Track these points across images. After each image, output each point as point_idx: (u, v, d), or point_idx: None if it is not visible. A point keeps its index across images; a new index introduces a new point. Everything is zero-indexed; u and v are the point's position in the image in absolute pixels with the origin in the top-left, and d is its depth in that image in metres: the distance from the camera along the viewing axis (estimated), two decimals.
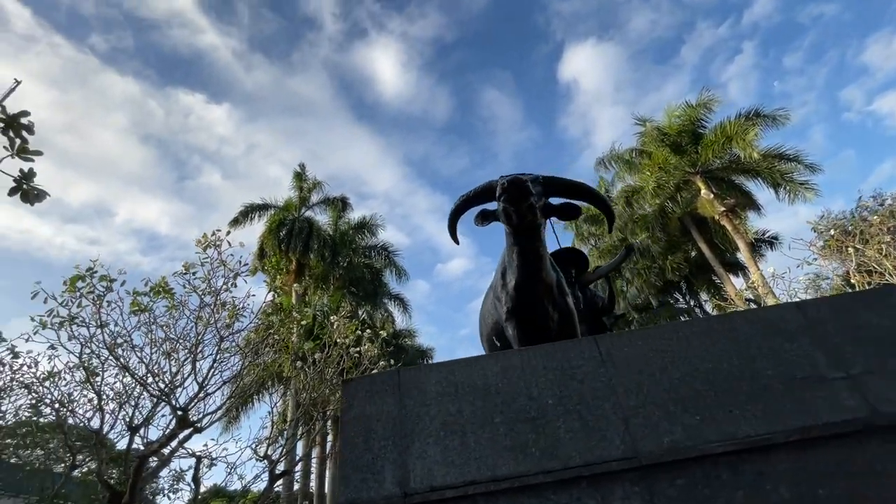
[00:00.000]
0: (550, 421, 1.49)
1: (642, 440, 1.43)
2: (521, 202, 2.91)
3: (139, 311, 11.30)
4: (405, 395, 1.57)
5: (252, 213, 19.35)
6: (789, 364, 1.55)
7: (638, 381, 1.56)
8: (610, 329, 5.40)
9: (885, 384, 1.48)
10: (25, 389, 11.97)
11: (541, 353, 1.67)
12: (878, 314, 1.62)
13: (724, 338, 1.62)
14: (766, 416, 1.46)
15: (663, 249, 21.22)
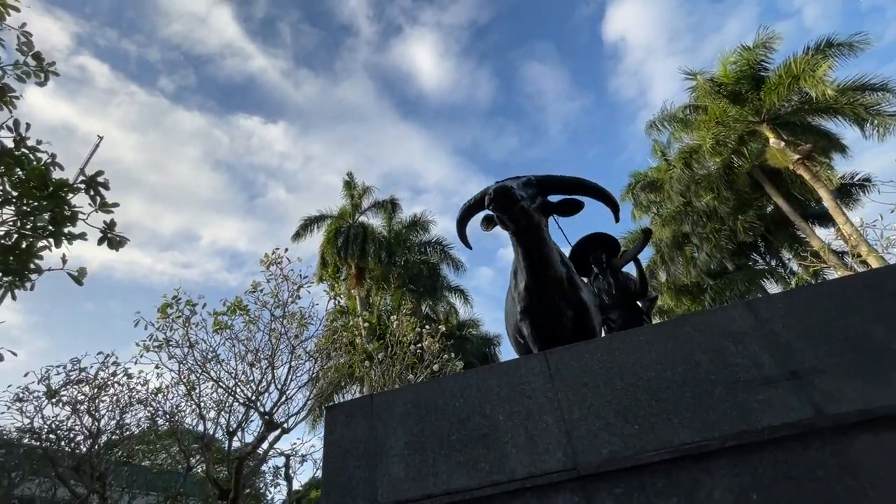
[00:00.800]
0: (500, 436, 1.61)
1: (583, 452, 1.51)
2: (509, 209, 2.97)
3: (221, 328, 12.55)
4: (375, 419, 1.77)
5: (311, 225, 20.55)
6: (733, 367, 1.53)
7: (582, 394, 1.63)
8: (646, 313, 5.24)
9: (835, 383, 1.41)
10: (141, 405, 13.76)
11: (495, 372, 1.78)
12: (832, 308, 1.53)
13: (669, 345, 1.62)
14: (704, 422, 1.46)
15: (732, 209, 19.64)
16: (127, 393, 12.82)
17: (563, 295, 3.44)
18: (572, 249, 5.73)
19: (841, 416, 1.37)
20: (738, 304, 1.70)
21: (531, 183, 3.24)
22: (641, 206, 24.48)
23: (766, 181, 18.93)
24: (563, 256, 3.69)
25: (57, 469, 11.53)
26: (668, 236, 23.79)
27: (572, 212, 3.41)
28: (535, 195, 3.19)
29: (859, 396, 1.39)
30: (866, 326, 1.48)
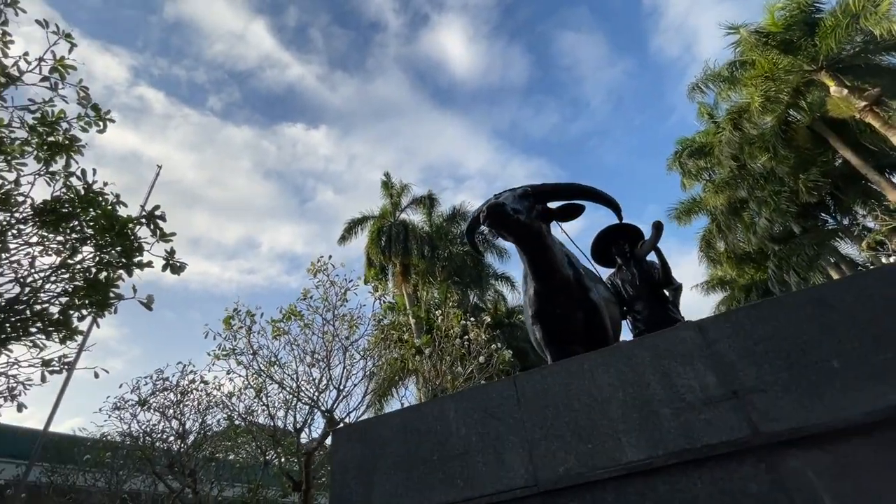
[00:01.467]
0: (472, 455, 1.79)
1: (542, 469, 1.66)
2: (501, 225, 3.11)
3: (279, 334, 13.53)
4: (369, 441, 2.02)
5: (355, 227, 21.32)
6: (680, 388, 1.61)
7: (544, 415, 1.77)
8: (672, 302, 5.14)
9: (772, 401, 1.46)
10: (218, 407, 15.11)
11: (468, 396, 1.96)
12: (777, 327, 1.54)
13: (623, 367, 1.72)
14: (649, 441, 1.56)
15: (792, 168, 18.15)
16: (205, 397, 14.16)
17: (571, 297, 3.54)
18: (594, 241, 5.71)
19: (775, 434, 1.43)
20: (689, 325, 1.77)
21: (527, 194, 3.36)
22: (690, 174, 23.18)
23: (830, 134, 17.32)
24: (572, 258, 3.77)
25: (154, 468, 12.98)
26: (722, 203, 22.40)
27: (573, 216, 3.50)
28: (531, 205, 3.31)
29: (793, 414, 1.43)
30: (807, 344, 1.50)
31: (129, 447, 14.23)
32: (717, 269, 27.26)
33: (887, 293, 1.47)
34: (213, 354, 12.27)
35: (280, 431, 13.08)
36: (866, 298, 1.47)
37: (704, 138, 22.91)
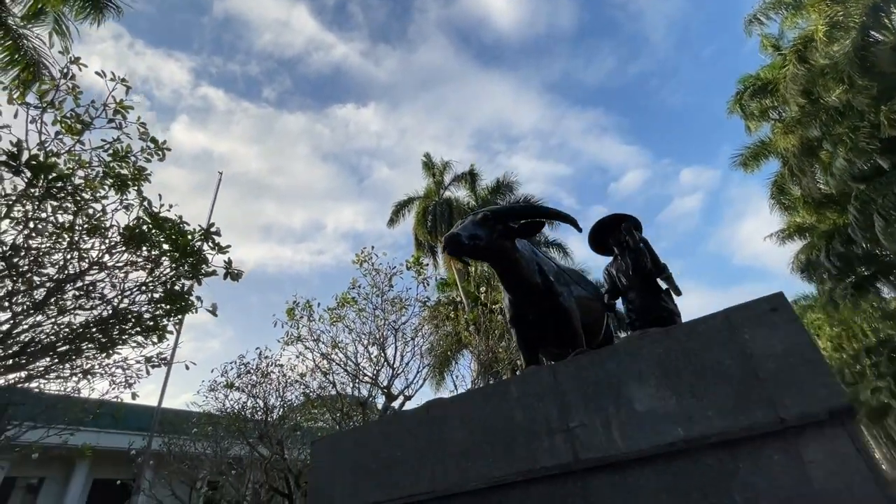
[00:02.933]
0: (397, 466, 2.34)
1: (438, 480, 2.16)
2: (458, 253, 3.52)
3: (337, 320, 14.88)
4: (335, 451, 2.65)
5: (401, 209, 22.14)
6: (533, 419, 2.00)
7: (446, 437, 2.25)
8: (667, 290, 5.22)
9: (590, 435, 1.81)
10: (294, 386, 17.01)
11: (397, 419, 2.49)
12: (602, 373, 1.86)
13: (500, 399, 2.14)
14: (509, 461, 1.99)
15: (873, 99, 15.97)
16: (282, 378, 16.04)
17: (541, 304, 3.90)
18: (590, 232, 5.88)
19: (589, 461, 1.81)
20: (546, 369, 2.16)
21: (486, 218, 3.70)
22: (753, 116, 21.15)
23: None
24: (543, 265, 4.06)
25: (247, 439, 15.10)
26: (794, 144, 20.31)
27: (532, 233, 3.80)
28: (492, 227, 3.65)
29: (602, 446, 1.80)
30: (620, 388, 1.83)
31: (227, 421, 16.58)
32: (794, 216, 24.96)
33: (688, 346, 1.75)
34: (281, 342, 13.89)
35: (348, 405, 14.60)
36: (668, 352, 1.76)
37: (770, 73, 20.66)
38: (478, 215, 3.78)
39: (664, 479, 1.64)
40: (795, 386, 1.50)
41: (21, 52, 10.58)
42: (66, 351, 9.07)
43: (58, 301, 8.26)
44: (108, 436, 19.53)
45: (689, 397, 1.70)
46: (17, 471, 18.78)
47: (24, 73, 10.50)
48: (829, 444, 1.40)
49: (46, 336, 8.58)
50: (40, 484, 20.32)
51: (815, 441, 1.42)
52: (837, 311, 26.36)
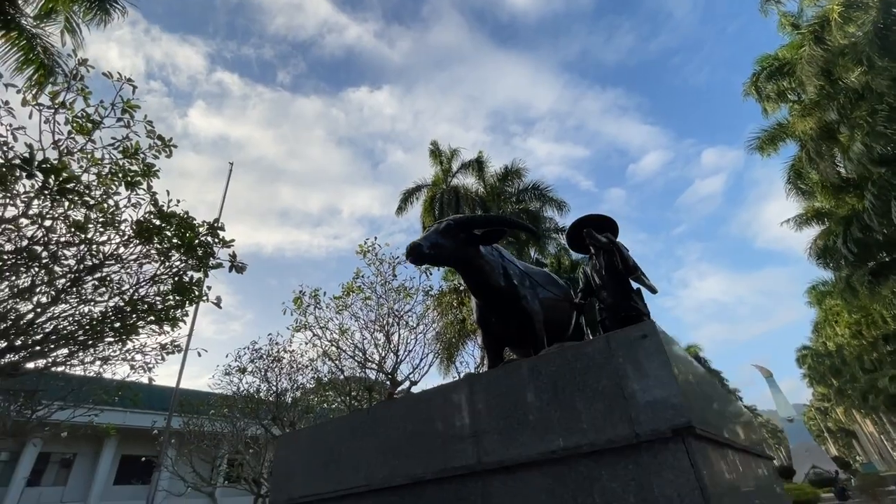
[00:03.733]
0: (341, 462, 2.61)
1: (372, 475, 2.43)
2: (420, 261, 3.68)
3: (343, 308, 15.29)
4: (292, 447, 2.94)
5: (410, 197, 22.30)
6: (449, 426, 2.23)
7: (381, 437, 2.51)
8: (637, 290, 5.34)
9: (491, 441, 2.03)
10: (304, 370, 17.59)
11: (347, 421, 2.77)
12: (505, 387, 2.06)
13: (427, 406, 2.36)
14: (426, 461, 2.23)
15: (893, 80, 15.31)
16: (293, 362, 16.65)
17: (504, 307, 4.08)
18: (569, 231, 6.01)
19: (489, 464, 2.04)
20: (463, 381, 2.38)
21: (450, 227, 3.84)
22: (770, 98, 20.49)
23: None
24: (509, 269, 4.21)
25: (262, 421, 15.81)
26: (811, 127, 19.67)
27: (494, 240, 3.96)
28: (455, 235, 3.81)
29: (499, 451, 2.02)
30: (519, 400, 2.04)
31: (242, 403, 17.36)
32: (813, 201, 24.27)
33: (575, 366, 1.93)
34: (291, 328, 14.43)
35: (356, 389, 15.13)
36: (560, 370, 1.95)
37: (789, 53, 19.90)
38: (441, 224, 3.93)
39: (546, 482, 1.86)
40: (650, 405, 1.69)
41: (34, 52, 11.00)
42: (85, 339, 9.70)
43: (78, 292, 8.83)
44: (134, 415, 20.69)
45: (571, 412, 1.91)
46: (50, 447, 20.16)
47: (38, 74, 10.93)
48: (670, 458, 1.60)
49: (68, 325, 9.19)
50: (73, 459, 21.72)
51: (661, 454, 1.61)
52: (856, 298, 25.73)
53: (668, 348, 1.77)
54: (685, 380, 1.75)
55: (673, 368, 1.66)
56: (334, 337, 14.15)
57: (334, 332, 14.07)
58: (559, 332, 4.84)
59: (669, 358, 1.71)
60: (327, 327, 14.12)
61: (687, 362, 1.91)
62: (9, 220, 7.66)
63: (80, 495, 21.22)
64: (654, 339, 1.79)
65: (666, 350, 1.73)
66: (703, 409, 1.77)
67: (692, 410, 1.59)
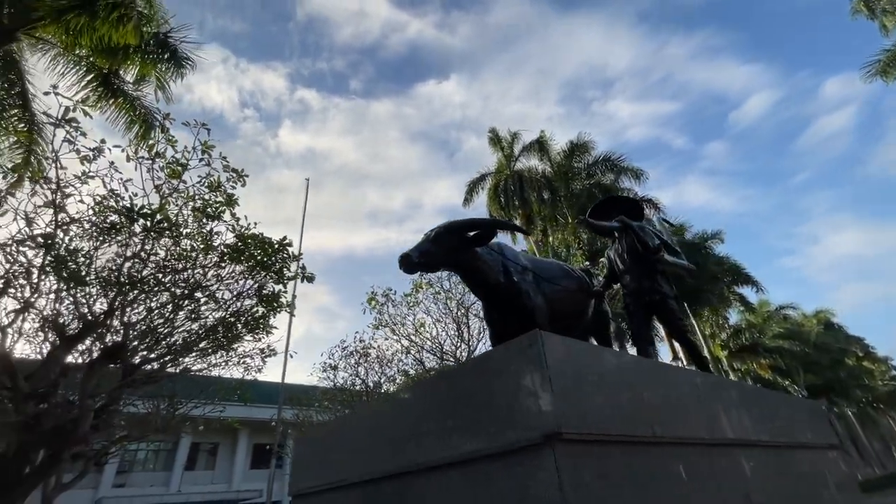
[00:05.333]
0: (335, 458, 2.96)
1: (351, 472, 2.73)
2: (411, 271, 3.89)
3: (414, 304, 16.12)
4: (303, 445, 3.38)
5: (475, 187, 22.45)
6: (406, 426, 2.42)
7: (359, 439, 2.80)
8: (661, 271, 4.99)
9: (424, 444, 2.19)
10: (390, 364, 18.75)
11: (336, 425, 3.11)
12: (440, 390, 2.18)
13: (390, 408, 2.58)
14: (390, 458, 2.46)
15: None
16: (381, 357, 17.87)
17: (505, 304, 4.21)
18: (588, 214, 5.83)
19: (420, 464, 2.23)
20: (413, 385, 2.58)
21: (440, 234, 3.99)
22: (886, 11, 17.10)
23: None
24: (511, 267, 4.28)
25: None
26: None
27: (485, 241, 4.05)
28: (448, 240, 3.97)
29: (429, 453, 2.18)
30: (445, 406, 2.16)
31: (341, 396, 19.02)
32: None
33: (479, 375, 2.03)
34: (370, 326, 15.54)
35: None
36: (470, 379, 2.05)
37: None
38: (431, 233, 4.04)
39: (453, 483, 2.01)
40: (528, 413, 1.76)
41: (137, 113, 13.09)
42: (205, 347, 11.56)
43: (195, 307, 10.55)
44: (256, 409, 23.81)
45: (473, 419, 2.05)
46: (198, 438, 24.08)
47: (141, 130, 13.00)
48: (542, 462, 1.66)
49: (190, 337, 11.04)
50: (217, 448, 25.69)
51: (536, 459, 1.68)
52: None
53: (554, 356, 1.80)
54: (567, 385, 1.78)
55: (552, 376, 1.71)
56: (409, 332, 14.92)
57: (409, 327, 14.84)
58: (573, 324, 4.77)
59: (550, 366, 1.75)
60: (402, 323, 14.94)
61: (584, 364, 1.92)
62: (131, 257, 9.37)
63: (225, 478, 25.04)
64: (535, 348, 1.84)
65: (547, 359, 1.77)
66: (586, 412, 1.79)
67: (565, 416, 1.64)
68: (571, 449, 1.61)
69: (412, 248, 3.90)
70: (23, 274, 8.68)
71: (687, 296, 20.65)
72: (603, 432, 1.76)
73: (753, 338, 25.88)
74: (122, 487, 23.68)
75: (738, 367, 26.36)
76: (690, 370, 3.17)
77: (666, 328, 4.81)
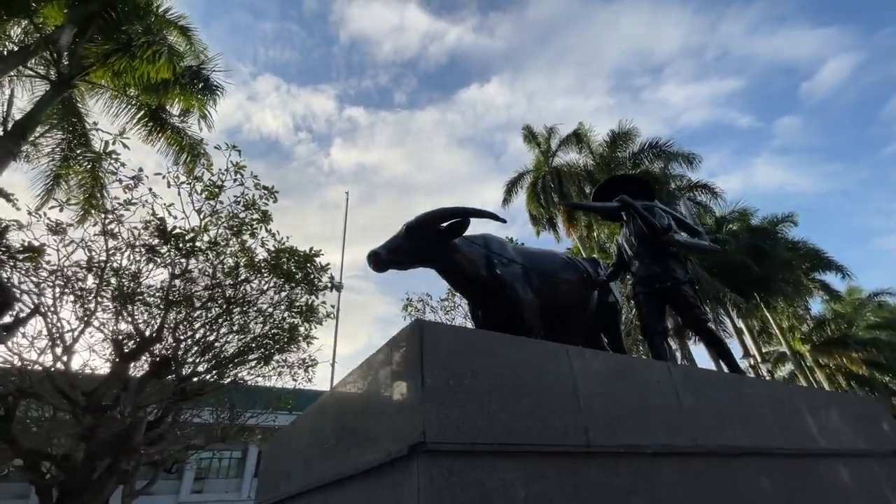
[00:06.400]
0: (280, 469, 2.83)
1: (292, 482, 2.59)
2: (381, 268, 3.68)
3: (451, 308, 15.98)
4: (278, 450, 3.30)
5: (513, 186, 21.94)
6: (316, 440, 2.25)
7: (302, 446, 2.67)
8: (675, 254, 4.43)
9: (330, 458, 2.00)
10: None
11: (302, 420, 3.00)
12: (339, 402, 1.98)
13: (319, 412, 2.43)
14: (307, 473, 2.28)
15: None
16: None
17: (488, 300, 3.93)
18: (593, 196, 5.40)
19: (335, 475, 2.04)
20: (326, 396, 2.39)
21: (412, 228, 3.74)
22: None
23: None
24: (496, 259, 3.96)
25: None
26: None
27: (459, 233, 3.76)
28: (419, 236, 3.71)
29: (328, 468, 1.99)
30: (346, 416, 1.99)
31: None
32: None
33: (368, 381, 1.80)
34: None
35: None
36: (356, 387, 1.83)
37: None
38: (402, 228, 3.81)
39: (359, 496, 1.80)
40: (399, 424, 1.51)
41: (184, 143, 14.06)
42: (247, 359, 12.08)
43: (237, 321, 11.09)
44: None
45: (360, 430, 1.86)
46: (264, 447, 25.37)
47: (189, 158, 13.94)
48: (407, 476, 1.41)
49: (233, 348, 11.60)
50: None
51: (404, 471, 1.43)
52: None
53: (435, 351, 1.52)
54: (447, 385, 1.50)
55: (427, 375, 1.45)
56: None
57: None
58: (573, 318, 4.36)
59: (427, 364, 1.48)
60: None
61: (477, 359, 1.63)
62: (177, 276, 9.99)
63: None
64: (412, 347, 1.57)
65: (425, 355, 1.50)
66: (472, 416, 1.50)
67: (439, 423, 1.38)
68: (441, 462, 1.35)
69: (380, 245, 3.68)
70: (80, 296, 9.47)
71: (753, 285, 18.80)
72: (496, 440, 1.46)
73: (840, 329, 23.03)
74: (199, 493, 25.34)
75: (824, 362, 23.54)
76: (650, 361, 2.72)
77: (681, 318, 4.27)
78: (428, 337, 1.57)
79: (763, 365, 19.93)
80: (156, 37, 10.39)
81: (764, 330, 23.91)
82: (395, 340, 1.75)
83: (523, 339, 1.83)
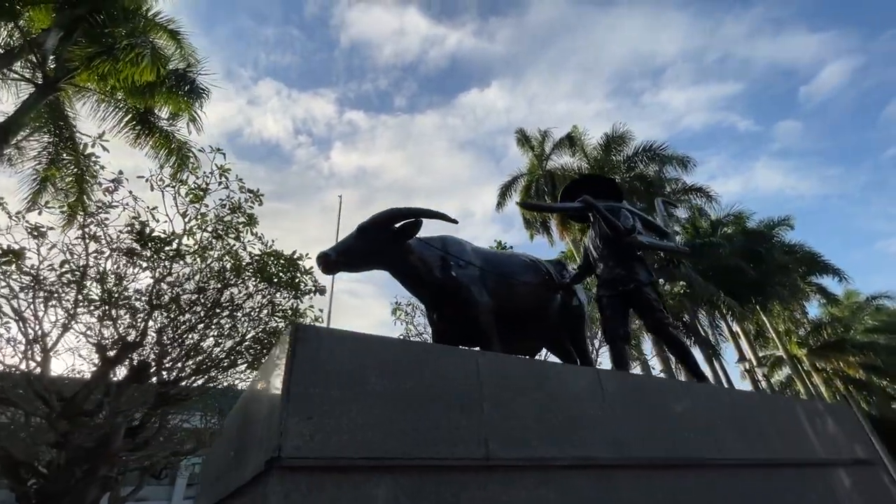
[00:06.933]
0: (223, 472, 2.76)
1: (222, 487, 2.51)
2: (330, 271, 3.56)
3: None
4: (209, 459, 3.22)
5: (507, 190, 21.83)
6: (238, 443, 2.17)
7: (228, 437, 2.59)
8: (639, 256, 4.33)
9: (226, 469, 1.92)
10: None
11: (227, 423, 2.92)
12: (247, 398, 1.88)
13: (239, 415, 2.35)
14: (214, 487, 2.20)
15: None
16: None
17: (443, 302, 3.82)
18: (560, 198, 5.32)
19: (239, 479, 1.94)
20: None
21: (364, 229, 3.61)
22: None
23: None
24: (452, 261, 3.84)
25: None
26: None
27: (412, 233, 3.65)
28: (371, 237, 3.58)
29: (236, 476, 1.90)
30: (245, 423, 1.89)
31: None
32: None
33: (255, 388, 1.71)
34: (402, 336, 15.53)
35: None
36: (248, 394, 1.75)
37: None
38: (355, 230, 3.69)
39: None
40: (264, 437, 1.43)
41: (172, 146, 14.00)
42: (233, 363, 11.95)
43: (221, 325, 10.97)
44: None
45: (245, 442, 1.76)
46: None
47: (177, 161, 13.88)
48: (268, 492, 1.32)
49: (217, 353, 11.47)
50: None
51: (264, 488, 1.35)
52: None
53: (309, 357, 1.43)
54: (315, 393, 1.41)
55: (294, 382, 1.36)
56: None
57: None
58: (533, 321, 4.25)
59: (296, 370, 1.39)
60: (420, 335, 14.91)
61: (357, 364, 1.53)
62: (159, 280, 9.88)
63: None
64: (282, 355, 1.47)
65: (297, 361, 1.41)
66: (333, 430, 1.40)
67: (288, 437, 1.28)
68: (298, 478, 1.26)
69: (330, 248, 3.56)
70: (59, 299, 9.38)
71: (748, 288, 18.64)
72: (370, 455, 1.36)
73: (837, 333, 22.81)
74: (191, 500, 25.14)
75: (821, 366, 23.32)
76: (577, 368, 2.60)
77: (643, 321, 4.16)
78: (304, 344, 1.48)
79: (759, 369, 19.75)
80: (138, 39, 10.33)
81: (760, 334, 23.71)
82: (282, 346, 1.66)
83: (428, 345, 1.73)
